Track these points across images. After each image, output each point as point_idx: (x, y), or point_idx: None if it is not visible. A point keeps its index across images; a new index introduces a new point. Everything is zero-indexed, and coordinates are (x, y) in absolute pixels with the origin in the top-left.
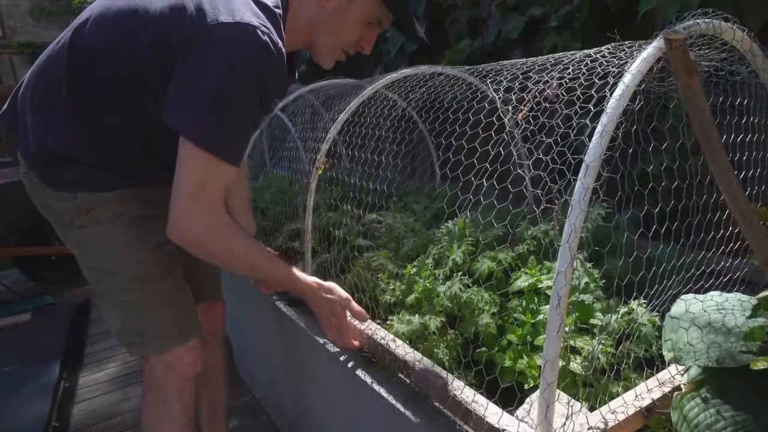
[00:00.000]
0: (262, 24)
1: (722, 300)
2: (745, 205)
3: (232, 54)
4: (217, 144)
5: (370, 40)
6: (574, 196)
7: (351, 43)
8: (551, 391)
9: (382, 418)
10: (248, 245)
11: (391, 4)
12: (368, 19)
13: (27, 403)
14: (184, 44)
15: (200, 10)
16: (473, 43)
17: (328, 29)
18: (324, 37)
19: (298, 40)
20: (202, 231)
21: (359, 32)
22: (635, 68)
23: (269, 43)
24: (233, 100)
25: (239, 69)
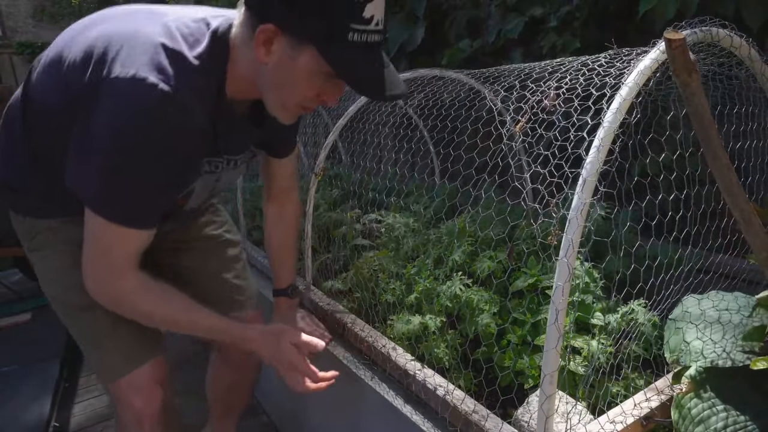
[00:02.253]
0: (162, 79)
1: (722, 300)
2: (744, 204)
3: (122, 114)
4: (115, 211)
5: (333, 93)
6: (572, 211)
7: (307, 98)
8: (550, 403)
9: (383, 420)
10: (165, 304)
11: (333, 62)
12: (320, 74)
13: (27, 403)
14: (84, 99)
15: (101, 60)
16: (473, 43)
17: (274, 86)
18: (270, 95)
19: (250, 91)
20: (110, 295)
21: (314, 87)
22: (632, 80)
23: (169, 99)
24: (127, 163)
25: (130, 130)
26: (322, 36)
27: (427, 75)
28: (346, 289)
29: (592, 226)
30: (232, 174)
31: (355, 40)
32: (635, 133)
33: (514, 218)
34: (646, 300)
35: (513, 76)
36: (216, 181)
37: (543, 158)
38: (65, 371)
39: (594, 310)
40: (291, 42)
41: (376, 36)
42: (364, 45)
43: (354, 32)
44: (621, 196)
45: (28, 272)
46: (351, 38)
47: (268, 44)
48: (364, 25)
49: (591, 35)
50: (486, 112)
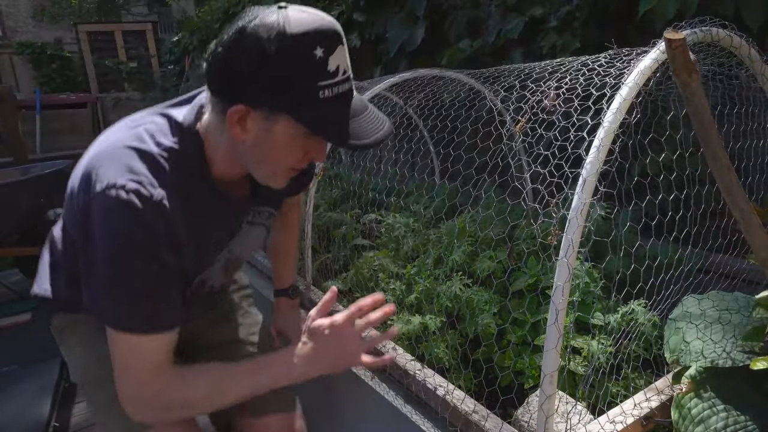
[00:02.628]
0: (132, 178)
1: (722, 300)
2: (744, 204)
3: (105, 222)
4: (124, 320)
5: (319, 149)
6: (572, 211)
7: (296, 161)
8: (550, 403)
9: (383, 420)
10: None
11: (310, 124)
12: (299, 136)
13: (27, 403)
14: (80, 218)
15: (87, 185)
16: (473, 43)
17: (257, 161)
18: (256, 169)
19: (236, 169)
20: (147, 406)
21: (298, 150)
22: (632, 80)
23: (143, 195)
24: (121, 269)
25: (115, 235)
26: (294, 103)
27: (427, 75)
28: (346, 289)
29: (592, 226)
30: (246, 242)
31: (326, 96)
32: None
33: (514, 218)
34: (646, 300)
35: (513, 76)
36: (229, 252)
37: (543, 158)
38: (65, 371)
39: (594, 310)
40: (264, 115)
41: (346, 85)
42: (336, 98)
43: (323, 89)
44: (621, 196)
45: (28, 272)
46: (322, 96)
47: (242, 123)
48: (332, 79)
49: (591, 35)
50: (486, 112)
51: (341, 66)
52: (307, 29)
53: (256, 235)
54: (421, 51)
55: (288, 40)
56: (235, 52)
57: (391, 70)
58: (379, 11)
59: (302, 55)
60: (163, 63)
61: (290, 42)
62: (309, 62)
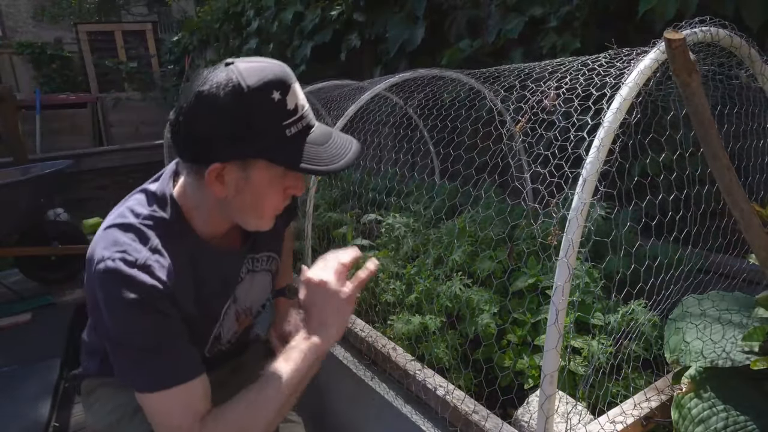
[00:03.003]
0: (117, 250)
1: (722, 300)
2: (744, 204)
3: (105, 296)
4: (144, 383)
5: (297, 183)
6: (572, 211)
7: (278, 200)
8: (550, 403)
9: (383, 420)
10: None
11: (286, 163)
12: (277, 176)
13: (27, 403)
14: (92, 300)
15: (89, 265)
16: (473, 43)
17: (243, 210)
18: (243, 218)
19: (223, 224)
20: None
21: (278, 190)
22: (632, 80)
23: (129, 262)
24: (126, 331)
25: (114, 304)
26: (265, 147)
27: (427, 75)
28: None
29: (592, 226)
30: (252, 291)
31: (293, 133)
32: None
33: (514, 218)
34: (646, 300)
35: (513, 76)
36: (235, 303)
37: (543, 158)
38: (65, 371)
39: (594, 310)
40: (239, 165)
41: (307, 118)
42: (302, 132)
43: (289, 128)
44: (621, 196)
45: (28, 272)
46: (289, 134)
47: (220, 179)
48: (293, 117)
49: (591, 35)
50: (486, 112)
51: (298, 102)
52: (260, 77)
53: (261, 282)
54: (421, 51)
55: (245, 92)
56: (198, 118)
57: (391, 70)
58: (379, 11)
59: (262, 102)
60: (163, 63)
61: (248, 94)
62: (269, 107)
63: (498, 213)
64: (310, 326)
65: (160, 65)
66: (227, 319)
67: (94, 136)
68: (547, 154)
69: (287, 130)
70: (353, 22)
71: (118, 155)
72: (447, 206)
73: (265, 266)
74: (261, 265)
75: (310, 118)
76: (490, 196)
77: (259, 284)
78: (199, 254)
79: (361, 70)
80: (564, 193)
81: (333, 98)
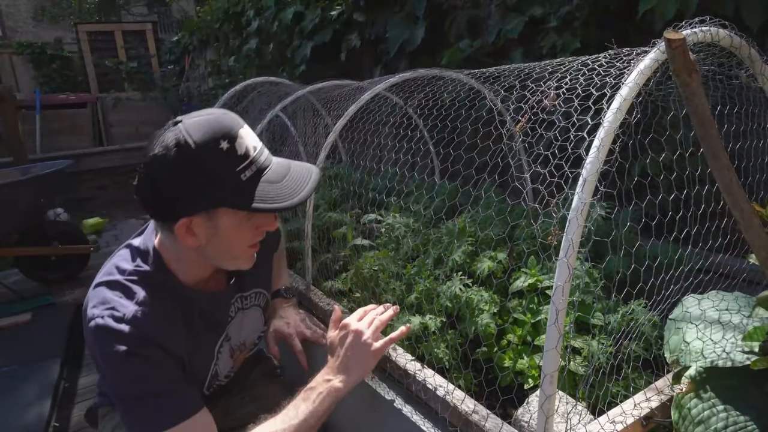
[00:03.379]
0: (106, 307)
1: (722, 300)
2: (744, 204)
3: (99, 353)
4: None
5: (269, 221)
6: (572, 211)
7: (251, 240)
8: (550, 403)
9: (382, 420)
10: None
11: (247, 207)
12: (243, 220)
13: (27, 403)
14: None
15: (84, 316)
16: (473, 43)
17: (218, 255)
18: (220, 262)
19: (205, 269)
20: None
21: (247, 231)
22: (632, 80)
23: (114, 319)
24: (121, 389)
25: (107, 358)
26: (224, 196)
27: (427, 75)
28: (346, 289)
29: (592, 226)
30: (244, 328)
31: (249, 176)
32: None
33: (514, 218)
34: (646, 300)
35: (513, 76)
36: (229, 342)
37: (543, 158)
38: (65, 371)
39: (594, 310)
40: (205, 216)
41: (261, 158)
42: (257, 173)
43: (243, 172)
44: (621, 196)
45: (28, 272)
46: (245, 178)
47: (190, 232)
48: (246, 161)
49: (591, 35)
50: (486, 112)
51: (249, 145)
52: (205, 131)
53: (252, 317)
54: (421, 51)
55: (193, 149)
56: (155, 180)
57: (391, 70)
58: (379, 11)
59: (211, 154)
60: (163, 63)
61: (196, 150)
62: (219, 157)
63: (498, 213)
64: (332, 367)
65: (160, 65)
66: (222, 357)
67: (94, 136)
68: (547, 154)
69: (242, 175)
70: (353, 22)
71: (118, 155)
72: (447, 206)
73: (255, 302)
74: (250, 301)
75: (264, 157)
76: (490, 196)
77: (251, 320)
78: (185, 301)
79: (361, 70)
80: (564, 193)
81: (333, 98)
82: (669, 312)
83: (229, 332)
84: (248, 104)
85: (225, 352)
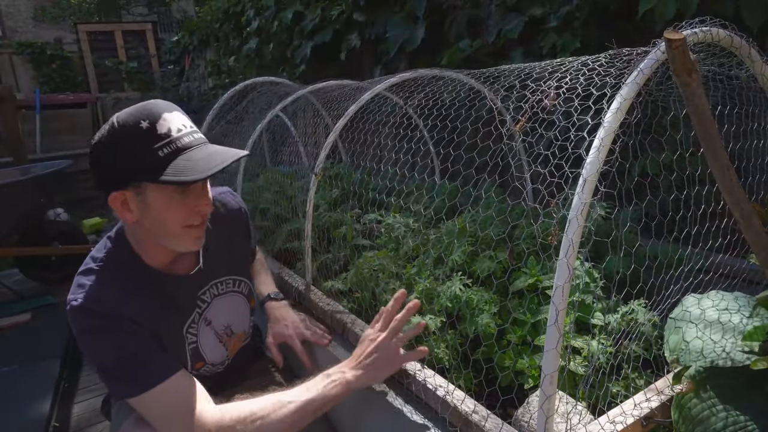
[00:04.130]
0: (79, 292)
1: (722, 300)
2: (744, 204)
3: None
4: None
5: (199, 200)
6: (572, 211)
7: (185, 218)
8: (550, 403)
9: (383, 419)
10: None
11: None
12: (172, 195)
13: (27, 403)
14: None
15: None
16: (473, 43)
17: (156, 233)
18: (161, 239)
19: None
20: None
21: (180, 208)
22: (632, 80)
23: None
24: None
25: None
26: (146, 171)
27: (427, 75)
28: (346, 289)
29: (592, 226)
30: (223, 313)
31: (167, 153)
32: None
33: (514, 218)
34: (646, 300)
35: (513, 76)
36: (208, 325)
37: (543, 158)
38: (65, 371)
39: (594, 310)
40: (134, 191)
41: (185, 138)
42: (176, 151)
43: (160, 149)
44: (621, 196)
45: (28, 272)
46: (162, 154)
47: (126, 207)
48: (165, 140)
49: (591, 35)
50: (486, 112)
51: (172, 126)
52: (130, 115)
53: (233, 304)
54: (421, 51)
55: (116, 128)
56: (93, 157)
57: (391, 70)
58: (379, 11)
59: (131, 132)
60: (163, 63)
61: (119, 129)
62: (139, 135)
63: (498, 213)
64: (354, 359)
65: (160, 65)
66: (204, 339)
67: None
68: (547, 154)
69: (160, 151)
70: (353, 22)
71: None
72: (447, 206)
73: (233, 288)
74: (227, 287)
75: (189, 139)
76: (490, 196)
77: (231, 306)
78: (152, 282)
79: (361, 70)
80: (564, 193)
81: (333, 98)
82: (669, 312)
83: (209, 316)
84: (248, 104)
85: (208, 336)
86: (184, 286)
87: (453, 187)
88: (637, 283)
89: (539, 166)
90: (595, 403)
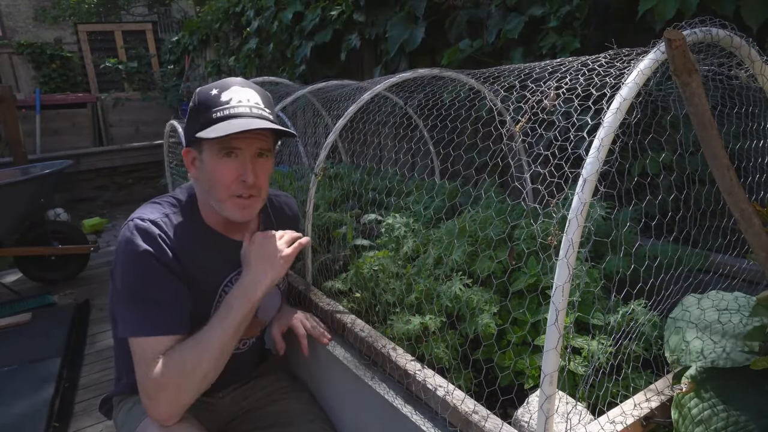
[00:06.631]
0: (137, 217)
1: (722, 300)
2: (744, 204)
3: (117, 250)
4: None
5: (245, 168)
6: (572, 211)
7: (231, 184)
8: (550, 403)
9: (383, 420)
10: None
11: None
12: (219, 155)
13: (27, 403)
14: None
15: None
16: (473, 43)
17: (207, 192)
18: (210, 199)
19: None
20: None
21: (225, 170)
22: (632, 80)
23: (142, 228)
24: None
25: (122, 258)
26: (202, 129)
27: (427, 75)
28: (346, 289)
29: (592, 226)
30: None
31: (219, 116)
32: (635, 133)
33: (514, 218)
34: (646, 300)
35: (513, 76)
36: None
37: (543, 158)
38: (65, 371)
39: (594, 310)
40: (197, 150)
41: (241, 108)
42: (228, 117)
43: (216, 112)
44: (621, 196)
45: (28, 272)
46: (215, 117)
47: (193, 164)
48: (223, 105)
49: (591, 35)
50: (486, 112)
51: (234, 98)
52: (210, 84)
53: (270, 296)
54: (421, 51)
55: (197, 94)
56: None
57: (391, 70)
58: (379, 11)
59: (204, 97)
60: (163, 63)
61: (198, 94)
62: (208, 99)
63: (498, 213)
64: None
65: (160, 65)
66: None
67: (94, 136)
68: (547, 154)
69: (214, 114)
70: (353, 22)
71: (118, 155)
72: (447, 206)
73: None
74: None
75: (244, 108)
76: (490, 196)
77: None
78: (202, 235)
79: (361, 70)
80: (564, 193)
81: (333, 98)
82: (669, 312)
83: None
84: None
85: None
86: (234, 248)
87: (453, 187)
88: (637, 283)
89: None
90: (595, 403)
